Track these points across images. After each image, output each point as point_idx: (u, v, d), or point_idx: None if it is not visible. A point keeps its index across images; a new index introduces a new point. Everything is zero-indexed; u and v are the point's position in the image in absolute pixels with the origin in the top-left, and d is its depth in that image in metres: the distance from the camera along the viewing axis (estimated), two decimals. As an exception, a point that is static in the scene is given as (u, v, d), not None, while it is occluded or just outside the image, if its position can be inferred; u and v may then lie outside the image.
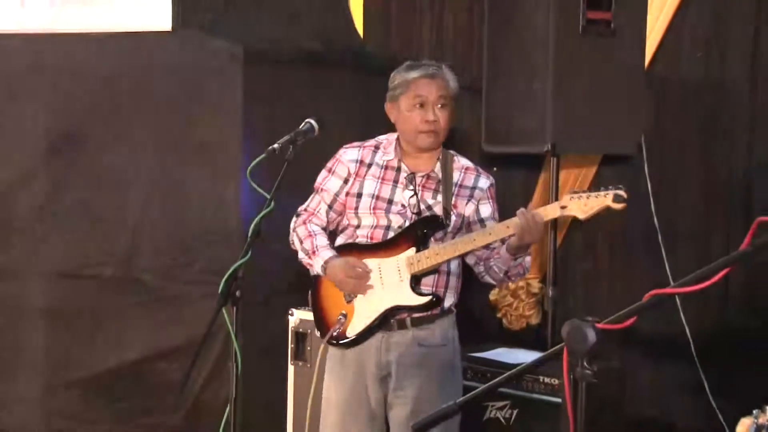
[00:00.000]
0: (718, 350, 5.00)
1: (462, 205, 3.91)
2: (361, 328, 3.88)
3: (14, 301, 6.16)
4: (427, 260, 3.79)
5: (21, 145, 6.10)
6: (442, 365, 3.95)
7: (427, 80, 3.84)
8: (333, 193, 3.99)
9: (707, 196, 5.28)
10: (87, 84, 5.92)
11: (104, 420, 5.86)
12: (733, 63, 5.22)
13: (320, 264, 3.90)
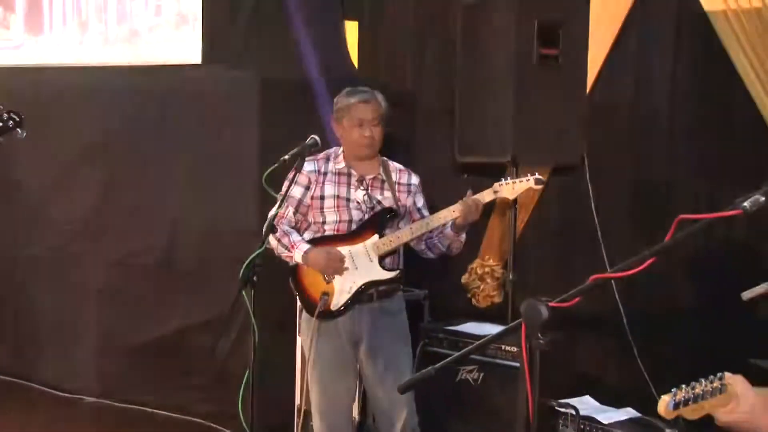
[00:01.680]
0: (644, 322, 5.01)
1: (404, 198, 4.02)
2: (342, 303, 3.92)
3: (75, 284, 6.21)
4: (390, 243, 3.87)
5: (80, 155, 6.16)
6: (401, 328, 4.05)
7: (364, 104, 3.93)
8: (297, 199, 3.99)
9: (636, 198, 5.29)
10: (133, 106, 5.98)
11: (149, 381, 5.88)
12: (656, 91, 5.23)
13: (300, 255, 3.91)
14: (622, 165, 5.30)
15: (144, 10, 6.21)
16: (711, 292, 4.89)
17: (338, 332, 3.97)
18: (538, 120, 4.64)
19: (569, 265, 5.32)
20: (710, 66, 4.97)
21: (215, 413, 5.49)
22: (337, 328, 3.97)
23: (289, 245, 3.94)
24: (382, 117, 3.96)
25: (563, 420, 4.02)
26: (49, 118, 6.02)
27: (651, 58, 5.25)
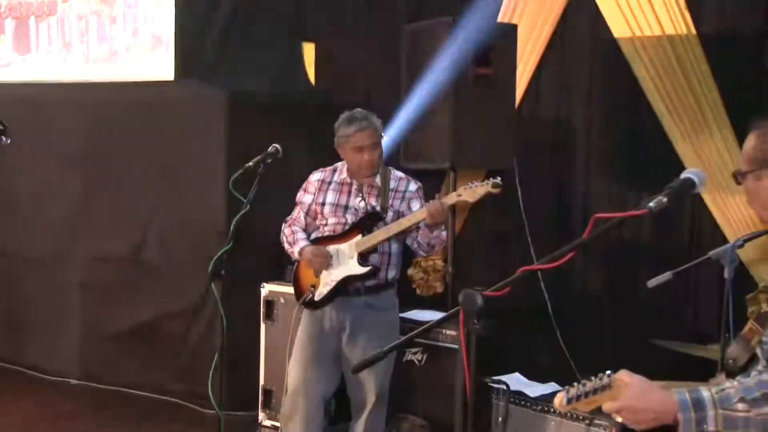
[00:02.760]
0: (566, 308, 5.05)
1: (397, 204, 3.96)
2: (324, 294, 3.90)
3: (58, 277, 6.13)
4: (368, 241, 3.83)
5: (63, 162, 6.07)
6: (386, 324, 3.98)
7: (360, 132, 3.86)
8: (307, 205, 4.04)
9: (559, 199, 5.33)
10: (112, 119, 5.92)
11: (127, 364, 5.82)
12: (575, 105, 5.27)
13: (297, 250, 3.96)
14: (546, 170, 5.34)
15: (122, 32, 6.15)
16: (621, 282, 4.96)
17: (324, 321, 3.95)
18: (473, 131, 4.67)
19: (501, 259, 5.34)
20: (620, 84, 5.02)
21: (188, 393, 5.45)
22: (323, 317, 3.95)
23: (292, 242, 4.00)
24: (380, 138, 3.93)
25: (496, 394, 4.04)
26: (35, 129, 5.95)
27: (570, 77, 5.29)
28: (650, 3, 4.84)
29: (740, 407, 1.87)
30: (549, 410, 3.85)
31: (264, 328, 5.08)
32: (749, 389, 1.88)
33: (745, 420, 1.87)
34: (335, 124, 3.97)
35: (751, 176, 2.12)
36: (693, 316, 4.72)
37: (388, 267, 3.97)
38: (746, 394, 1.87)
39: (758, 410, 1.86)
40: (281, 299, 5.00)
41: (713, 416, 1.87)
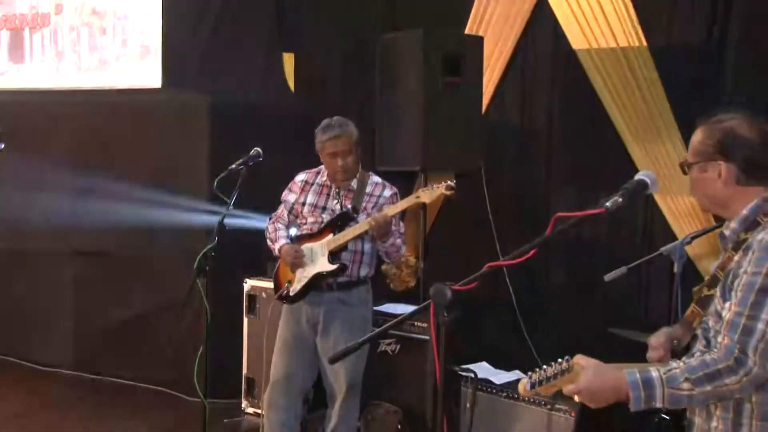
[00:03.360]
0: (529, 301, 5.07)
1: (370, 207, 3.93)
2: (298, 290, 3.89)
3: (50, 273, 6.10)
4: (336, 241, 3.82)
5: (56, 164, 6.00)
6: (357, 319, 3.95)
7: (336, 140, 3.85)
8: (291, 203, 4.03)
9: (522, 199, 5.34)
10: (102, 123, 5.89)
11: (118, 355, 5.79)
12: (538, 111, 5.29)
13: (277, 248, 3.96)
14: (511, 172, 5.35)
15: (112, 43, 6.14)
16: (580, 276, 4.98)
17: (301, 315, 3.93)
18: (442, 135, 4.66)
19: (469, 255, 5.34)
20: (578, 92, 5.03)
21: (174, 382, 5.41)
22: (300, 312, 3.93)
23: (274, 239, 3.99)
24: (354, 146, 3.90)
25: (464, 382, 4.04)
26: (30, 133, 5.90)
27: (533, 85, 5.31)
28: (605, 17, 4.87)
29: (685, 386, 1.92)
30: (514, 396, 3.86)
31: (246, 321, 5.06)
32: (693, 369, 1.92)
33: (688, 397, 1.93)
34: (316, 131, 3.95)
35: (696, 167, 2.14)
36: (646, 307, 4.76)
37: (360, 265, 3.95)
38: (690, 374, 1.92)
39: (700, 389, 1.91)
40: (263, 294, 4.98)
41: (660, 394, 1.92)
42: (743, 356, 1.89)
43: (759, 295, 1.91)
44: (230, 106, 5.46)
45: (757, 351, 1.89)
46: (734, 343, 1.91)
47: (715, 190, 2.10)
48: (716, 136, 2.08)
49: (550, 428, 3.71)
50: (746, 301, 1.92)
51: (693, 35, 4.73)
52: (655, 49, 4.78)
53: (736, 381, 1.90)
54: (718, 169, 2.07)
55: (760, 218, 2.03)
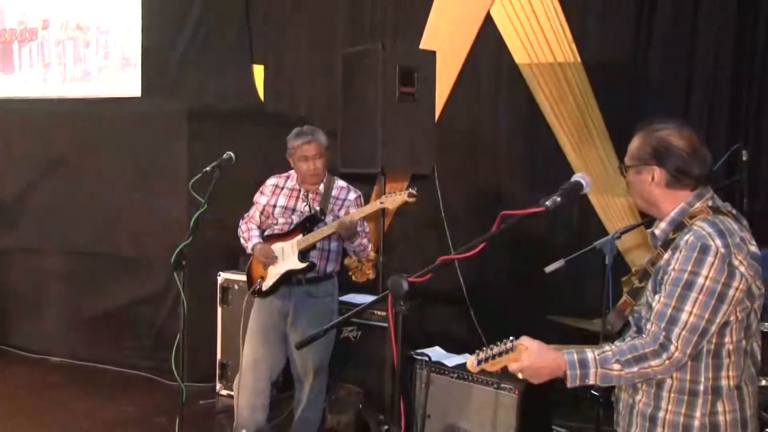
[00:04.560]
0: (478, 291, 5.09)
1: (336, 209, 3.90)
2: (270, 285, 3.85)
3: (39, 269, 5.95)
4: (306, 241, 3.77)
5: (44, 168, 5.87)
6: (324, 310, 3.92)
7: (307, 145, 3.80)
8: (262, 205, 3.97)
9: (472, 199, 5.35)
10: (86, 130, 5.78)
11: (103, 344, 5.68)
12: (485, 119, 5.31)
13: (250, 246, 3.90)
14: (461, 174, 5.36)
15: (95, 55, 6.04)
16: (524, 268, 5.00)
17: (272, 307, 3.89)
18: (399, 140, 4.64)
19: (424, 250, 5.34)
20: (521, 102, 5.07)
21: (154, 368, 5.34)
22: (271, 304, 3.89)
23: (247, 238, 3.93)
24: (324, 151, 3.85)
25: (419, 365, 4.02)
26: (19, 139, 5.81)
27: (481, 95, 5.32)
28: (544, 35, 4.90)
29: (615, 367, 1.96)
30: (464, 377, 3.85)
31: (220, 311, 5.00)
32: (623, 352, 1.97)
33: (618, 377, 1.98)
34: (287, 138, 3.89)
35: (633, 170, 2.14)
36: (581, 296, 4.79)
37: (327, 262, 3.91)
38: (620, 356, 1.96)
39: (628, 370, 1.96)
40: (235, 286, 4.92)
41: (594, 373, 1.97)
42: (667, 342, 1.94)
43: (684, 289, 1.95)
44: (205, 114, 5.38)
45: (679, 338, 1.94)
46: (660, 330, 1.96)
47: (649, 192, 2.11)
48: (652, 143, 2.09)
49: (496, 405, 3.71)
50: (673, 294, 1.96)
51: (621, 52, 4.78)
52: (588, 64, 4.82)
53: (660, 364, 1.95)
54: (652, 173, 2.09)
55: (686, 220, 2.05)
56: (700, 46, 4.49)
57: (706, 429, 1.99)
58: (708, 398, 1.99)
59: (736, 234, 1.98)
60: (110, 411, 4.75)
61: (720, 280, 1.93)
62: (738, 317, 1.98)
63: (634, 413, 2.10)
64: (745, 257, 1.97)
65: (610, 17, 4.83)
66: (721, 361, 1.99)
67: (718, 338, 1.98)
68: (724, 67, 4.42)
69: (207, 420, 4.68)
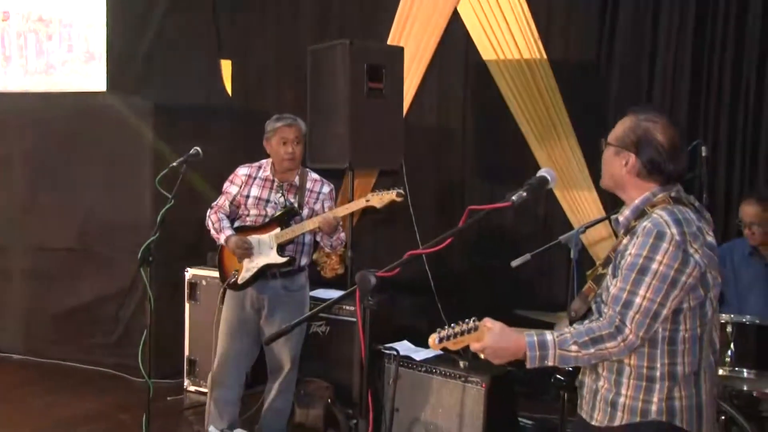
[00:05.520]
0: (445, 285, 5.12)
1: (312, 202, 3.89)
2: (246, 278, 3.83)
3: (3, 266, 5.81)
4: (285, 235, 3.77)
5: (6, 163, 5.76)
6: (299, 303, 3.92)
7: (288, 127, 3.80)
8: (233, 195, 3.92)
9: (439, 194, 5.39)
10: (49, 125, 5.67)
11: (67, 341, 5.59)
12: (452, 115, 5.34)
13: (223, 238, 3.84)
14: (429, 169, 5.38)
15: (58, 48, 5.89)
16: (491, 262, 5.04)
17: (245, 301, 3.87)
18: (367, 136, 4.64)
19: (392, 244, 5.36)
20: (488, 98, 5.10)
21: (120, 364, 5.28)
22: (245, 298, 3.87)
23: (219, 229, 3.86)
24: (302, 137, 3.85)
25: (388, 359, 4.04)
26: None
27: (448, 91, 5.35)
28: (511, 33, 4.94)
29: (573, 348, 2.02)
30: (432, 371, 3.88)
31: (188, 307, 4.95)
32: (580, 334, 2.03)
33: (575, 358, 2.04)
34: (267, 123, 3.87)
35: (612, 149, 2.18)
36: (547, 289, 4.86)
37: (301, 255, 3.92)
38: (578, 338, 2.02)
39: (585, 351, 2.02)
40: (203, 282, 4.89)
41: (553, 355, 2.03)
42: (622, 325, 2.00)
43: (638, 274, 2.00)
44: (171, 109, 5.32)
45: (633, 321, 2.00)
46: (616, 314, 2.02)
47: (620, 174, 2.16)
48: (637, 132, 2.13)
49: (464, 398, 3.75)
50: (628, 278, 2.02)
51: (585, 50, 4.85)
52: (554, 61, 4.88)
53: (615, 346, 2.01)
54: (627, 158, 2.13)
55: (647, 208, 2.10)
56: (661, 44, 4.58)
57: (663, 413, 2.05)
58: (665, 384, 2.05)
59: (693, 223, 2.03)
60: (73, 408, 4.69)
61: (674, 266, 1.98)
62: (691, 305, 2.03)
63: (598, 398, 2.16)
64: (701, 246, 2.02)
65: (574, 15, 4.90)
66: (676, 348, 2.05)
67: (673, 325, 2.04)
68: (683, 65, 4.51)
69: (175, 416, 4.64)
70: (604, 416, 2.14)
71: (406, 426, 3.92)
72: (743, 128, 4.36)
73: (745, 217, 3.61)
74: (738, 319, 3.25)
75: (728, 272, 3.72)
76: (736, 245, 3.75)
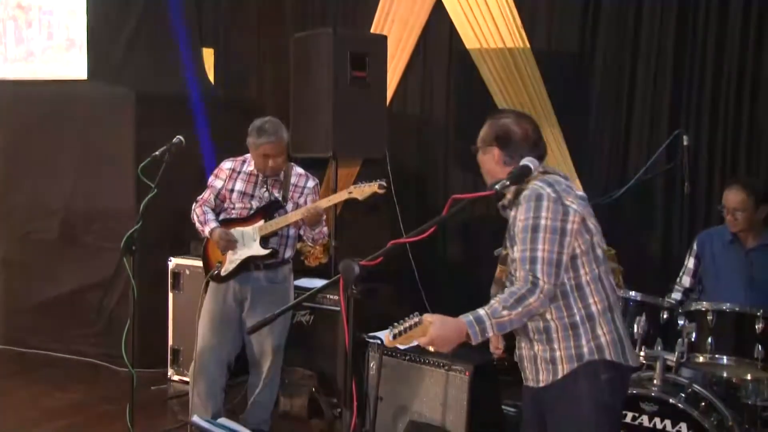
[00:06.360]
0: (429, 273, 5.14)
1: (296, 197, 3.89)
2: (230, 270, 3.82)
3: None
4: (269, 227, 3.76)
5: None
6: (282, 295, 3.91)
7: (270, 145, 3.72)
8: (218, 189, 3.90)
9: (423, 183, 5.40)
10: (30, 113, 5.59)
11: (50, 331, 5.54)
12: (436, 104, 5.35)
13: (208, 230, 3.84)
14: (413, 158, 5.40)
15: (38, 35, 5.79)
16: (473, 251, 5.08)
17: (228, 293, 3.86)
18: (351, 125, 4.64)
19: (375, 234, 5.36)
20: (471, 86, 5.11)
21: (104, 354, 5.25)
22: (227, 290, 3.86)
23: (204, 222, 3.86)
24: (285, 147, 3.79)
25: (372, 348, 4.05)
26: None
27: (432, 79, 5.35)
28: (494, 22, 4.94)
29: (504, 313, 2.21)
30: (416, 360, 3.89)
31: (171, 296, 4.94)
32: (506, 299, 2.23)
33: (509, 321, 2.23)
34: (249, 128, 3.80)
35: (481, 151, 2.50)
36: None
37: (285, 248, 3.91)
38: (505, 303, 2.23)
39: (515, 311, 2.22)
40: (186, 271, 4.87)
41: (490, 325, 2.21)
42: (536, 279, 2.24)
43: (533, 233, 2.26)
44: (154, 97, 5.26)
45: (543, 273, 2.24)
46: (527, 272, 2.25)
47: (492, 168, 2.46)
48: (495, 130, 2.46)
49: (447, 386, 3.77)
50: (526, 240, 2.27)
51: (568, 39, 4.87)
52: (537, 50, 4.89)
53: (536, 299, 2.23)
54: (493, 153, 2.45)
55: (523, 186, 2.35)
56: (644, 33, 4.61)
57: (594, 352, 2.31)
58: (587, 325, 2.32)
59: (562, 183, 2.35)
60: (56, 398, 4.66)
61: (558, 218, 2.26)
62: (583, 249, 2.31)
63: (538, 362, 2.39)
64: (574, 199, 2.31)
65: (558, 4, 4.91)
66: (584, 292, 2.32)
67: (574, 272, 2.31)
68: (666, 55, 4.54)
69: (159, 406, 4.63)
70: (548, 375, 2.37)
71: (390, 415, 3.94)
72: (725, 117, 4.40)
73: (728, 203, 3.61)
74: (718, 307, 3.27)
75: (708, 260, 3.75)
76: (716, 233, 3.77)
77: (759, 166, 4.32)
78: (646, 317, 3.34)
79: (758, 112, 4.32)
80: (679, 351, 3.24)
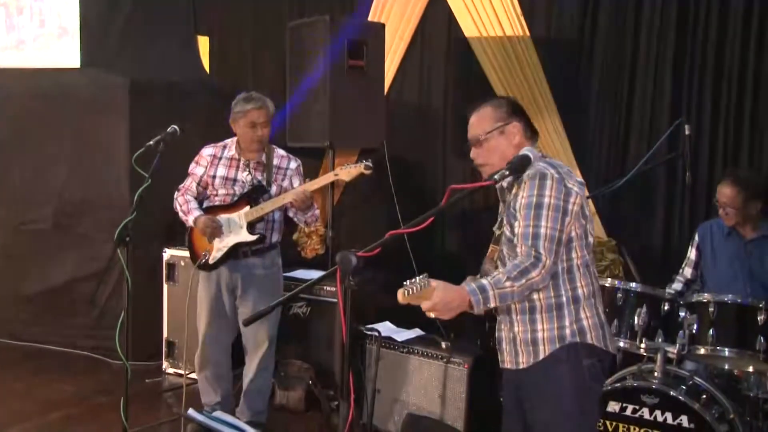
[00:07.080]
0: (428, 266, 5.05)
1: (280, 179, 3.87)
2: (217, 258, 3.82)
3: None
4: (255, 212, 3.75)
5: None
6: (271, 280, 3.92)
7: (257, 111, 3.76)
8: (199, 176, 3.90)
9: (421, 173, 5.38)
10: (22, 103, 5.56)
11: (44, 323, 5.53)
12: (434, 93, 5.31)
13: (192, 219, 3.83)
14: (410, 148, 5.36)
15: (29, 23, 5.75)
16: (472, 240, 5.05)
17: (220, 281, 3.87)
18: (348, 114, 4.62)
19: (373, 224, 5.35)
20: (470, 75, 5.07)
21: (98, 347, 5.24)
22: (217, 278, 3.86)
23: (187, 211, 3.85)
24: (270, 118, 3.81)
25: (369, 340, 4.05)
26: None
27: (430, 68, 5.32)
28: (494, 10, 4.90)
29: (507, 284, 2.23)
30: (414, 352, 3.89)
31: (166, 288, 4.92)
32: (509, 271, 2.26)
33: (511, 293, 2.24)
34: (233, 103, 3.83)
35: (496, 133, 2.47)
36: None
37: (272, 232, 3.90)
38: (509, 274, 2.24)
39: (518, 283, 2.24)
40: (181, 262, 4.85)
41: (492, 295, 2.22)
42: (538, 254, 2.27)
43: (536, 210, 2.30)
44: (148, 86, 5.23)
45: (545, 249, 2.28)
46: (530, 247, 2.28)
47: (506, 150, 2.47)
48: (505, 104, 2.52)
49: (446, 379, 3.77)
50: (529, 216, 2.30)
51: (568, 27, 4.83)
52: (537, 38, 4.86)
53: (538, 273, 2.25)
54: (514, 128, 2.48)
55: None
56: (644, 21, 4.57)
57: (576, 334, 2.35)
58: (572, 307, 2.36)
59: (564, 166, 2.42)
60: (49, 391, 4.65)
61: (560, 197, 2.31)
62: (578, 233, 2.36)
63: (518, 343, 2.42)
64: (575, 183, 2.37)
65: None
66: (573, 275, 2.37)
67: (567, 255, 2.36)
68: (667, 43, 4.51)
69: (154, 398, 4.62)
70: (528, 356, 2.40)
71: (387, 407, 3.93)
72: (727, 106, 4.37)
73: (720, 197, 3.62)
74: (719, 299, 3.27)
75: (708, 251, 3.74)
76: (715, 224, 3.77)
77: (762, 156, 4.29)
78: (647, 309, 3.34)
79: (761, 101, 4.29)
80: (680, 343, 3.24)
